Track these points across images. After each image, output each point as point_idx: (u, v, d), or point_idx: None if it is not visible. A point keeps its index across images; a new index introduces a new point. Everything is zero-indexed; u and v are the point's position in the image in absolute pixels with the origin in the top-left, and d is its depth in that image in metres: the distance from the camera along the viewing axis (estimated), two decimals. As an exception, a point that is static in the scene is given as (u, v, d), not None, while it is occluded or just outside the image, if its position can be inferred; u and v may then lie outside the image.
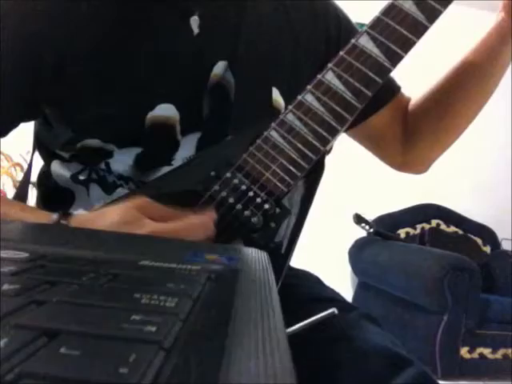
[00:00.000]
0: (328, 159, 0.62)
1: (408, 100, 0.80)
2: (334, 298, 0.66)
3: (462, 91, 0.71)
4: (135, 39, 0.60)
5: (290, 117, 0.58)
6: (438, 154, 0.79)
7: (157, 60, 0.61)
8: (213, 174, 0.57)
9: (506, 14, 0.66)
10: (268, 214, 0.56)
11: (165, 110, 0.60)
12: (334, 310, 0.53)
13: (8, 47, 0.57)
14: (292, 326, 0.51)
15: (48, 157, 0.68)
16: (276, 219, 0.56)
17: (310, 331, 0.51)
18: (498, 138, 3.25)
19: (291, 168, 0.57)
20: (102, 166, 0.62)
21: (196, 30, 0.62)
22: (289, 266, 0.64)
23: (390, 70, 0.58)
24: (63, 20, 0.58)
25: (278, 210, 0.56)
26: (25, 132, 0.71)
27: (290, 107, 0.59)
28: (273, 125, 0.58)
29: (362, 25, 0.62)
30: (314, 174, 0.59)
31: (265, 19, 0.68)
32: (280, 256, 0.58)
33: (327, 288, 0.73)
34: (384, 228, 2.87)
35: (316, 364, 0.54)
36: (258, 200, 0.56)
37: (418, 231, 3.00)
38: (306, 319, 0.52)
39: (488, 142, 3.20)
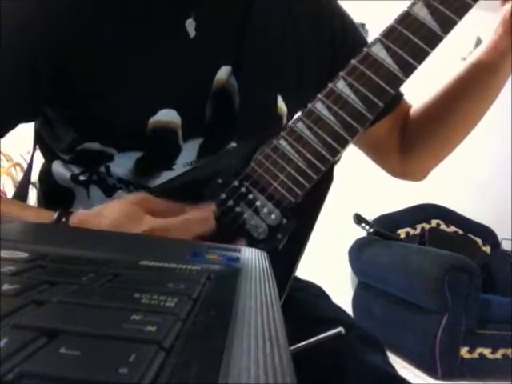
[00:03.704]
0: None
1: (409, 107, 0.79)
2: (335, 318, 0.65)
3: (459, 105, 0.71)
4: (135, 43, 0.60)
5: (300, 125, 0.57)
6: (435, 163, 0.78)
7: (155, 64, 0.60)
8: (220, 181, 0.56)
9: (503, 31, 0.65)
10: (274, 225, 0.55)
11: (166, 115, 0.60)
12: (341, 329, 0.53)
13: (8, 48, 0.56)
14: (293, 344, 0.51)
15: (49, 155, 0.68)
16: (282, 230, 0.55)
17: (308, 349, 0.52)
18: (497, 137, 3.25)
19: (299, 178, 0.56)
20: (102, 169, 0.62)
21: (192, 33, 0.61)
22: (294, 276, 0.63)
23: (402, 81, 0.57)
24: (64, 23, 0.57)
25: (284, 221, 0.55)
26: (25, 132, 0.71)
27: (300, 115, 0.58)
28: (282, 133, 0.57)
29: (363, 25, 0.61)
30: (322, 184, 0.59)
31: (270, 23, 0.67)
32: (284, 265, 0.58)
33: (330, 303, 0.73)
34: (384, 228, 2.87)
35: (307, 381, 0.54)
36: (265, 210, 0.55)
37: (418, 231, 3.00)
38: (306, 340, 0.52)
39: (488, 142, 3.20)
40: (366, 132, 0.76)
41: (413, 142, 0.77)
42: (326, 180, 0.59)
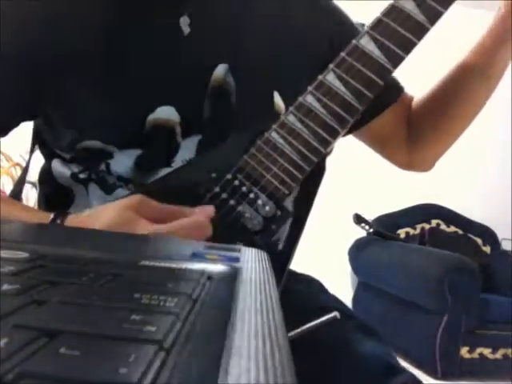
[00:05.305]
0: (328, 159, 0.62)
1: (411, 99, 0.80)
2: (334, 307, 0.66)
3: (461, 92, 0.72)
4: (132, 40, 0.60)
5: (291, 118, 0.58)
6: (440, 152, 0.80)
7: (152, 61, 0.61)
8: (213, 175, 0.57)
9: (506, 11, 0.65)
10: (269, 217, 0.56)
11: (165, 113, 0.60)
12: (335, 313, 0.54)
13: (7, 48, 0.57)
14: (291, 332, 0.52)
15: (49, 154, 0.68)
16: (277, 221, 0.56)
17: (307, 337, 0.52)
18: (498, 137, 3.25)
19: (292, 170, 0.57)
20: (102, 167, 0.62)
21: (186, 31, 0.62)
22: (290, 270, 0.64)
23: (390, 72, 0.58)
24: (61, 22, 0.58)
25: (278, 213, 0.56)
26: (25, 132, 0.71)
27: (290, 108, 0.58)
28: (273, 126, 0.58)
29: (362, 25, 0.62)
30: (314, 176, 0.59)
31: (266, 21, 0.68)
32: (279, 257, 0.58)
33: (329, 295, 0.73)
34: (384, 228, 2.87)
35: (309, 370, 0.55)
36: (259, 202, 0.56)
37: (417, 231, 3.00)
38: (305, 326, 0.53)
39: (488, 142, 3.20)
40: (370, 127, 0.77)
41: (418, 132, 0.79)
42: (318, 171, 0.60)
